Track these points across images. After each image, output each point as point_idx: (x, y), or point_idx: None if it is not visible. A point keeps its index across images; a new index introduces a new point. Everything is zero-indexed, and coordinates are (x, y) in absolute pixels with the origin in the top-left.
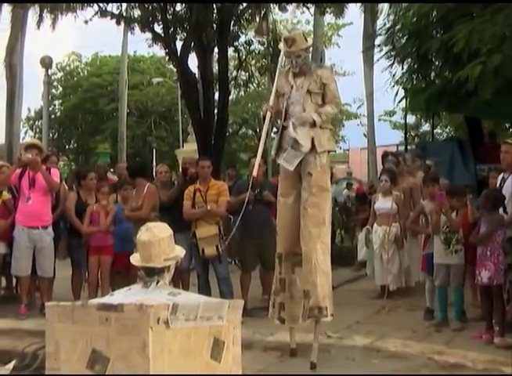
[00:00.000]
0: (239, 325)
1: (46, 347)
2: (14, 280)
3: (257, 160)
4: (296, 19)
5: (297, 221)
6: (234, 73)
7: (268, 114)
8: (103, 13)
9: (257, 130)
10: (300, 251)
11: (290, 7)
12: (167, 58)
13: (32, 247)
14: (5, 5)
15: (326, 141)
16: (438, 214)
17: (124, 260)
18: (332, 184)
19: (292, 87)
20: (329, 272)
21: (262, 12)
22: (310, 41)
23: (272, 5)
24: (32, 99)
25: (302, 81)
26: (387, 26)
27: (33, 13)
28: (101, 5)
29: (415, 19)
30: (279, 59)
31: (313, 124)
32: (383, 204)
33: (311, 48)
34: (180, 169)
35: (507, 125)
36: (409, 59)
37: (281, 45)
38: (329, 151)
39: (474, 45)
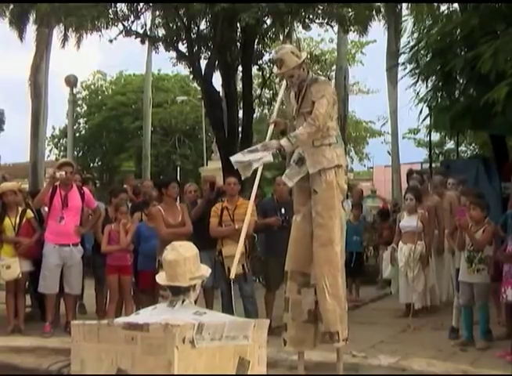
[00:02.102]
0: (264, 344)
1: (72, 365)
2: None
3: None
4: (320, 38)
5: (305, 239)
6: (258, 91)
7: (271, 128)
8: (128, 32)
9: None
10: (309, 272)
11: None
12: (191, 76)
13: (61, 265)
14: (31, 24)
15: (321, 158)
16: (460, 230)
17: (150, 278)
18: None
19: (294, 108)
20: (340, 295)
21: (286, 31)
22: (304, 55)
23: (295, 23)
24: (57, 117)
25: (301, 100)
26: (411, 44)
27: (58, 32)
28: (125, 24)
29: (439, 37)
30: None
31: (281, 149)
32: (408, 222)
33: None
34: (206, 185)
35: None
36: (434, 77)
37: (274, 69)
38: (336, 167)
39: (500, 66)
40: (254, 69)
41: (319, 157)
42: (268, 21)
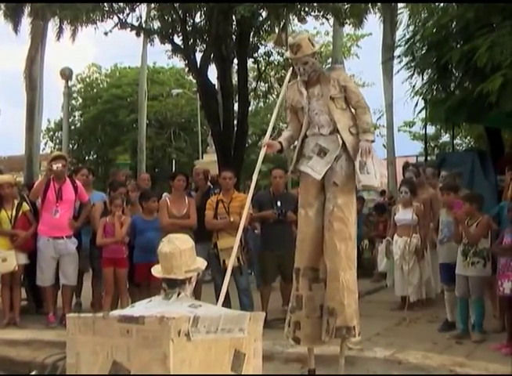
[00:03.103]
0: (260, 337)
1: (67, 359)
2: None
3: (248, 199)
4: (315, 31)
5: (319, 235)
6: (253, 84)
7: (263, 150)
8: (123, 25)
9: None
10: (318, 266)
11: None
12: (186, 69)
13: (57, 258)
14: (26, 16)
15: (358, 146)
16: (456, 223)
17: (146, 271)
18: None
19: (309, 97)
20: (356, 290)
21: (281, 24)
22: (318, 45)
23: (291, 16)
24: (52, 110)
25: (320, 88)
26: (407, 37)
27: (53, 25)
28: (121, 16)
29: (435, 30)
30: (283, 87)
31: (371, 142)
32: (403, 215)
33: (320, 53)
34: (198, 177)
35: None
36: (429, 70)
37: (287, 53)
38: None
39: (496, 59)
40: (250, 62)
41: (357, 146)
42: (264, 14)
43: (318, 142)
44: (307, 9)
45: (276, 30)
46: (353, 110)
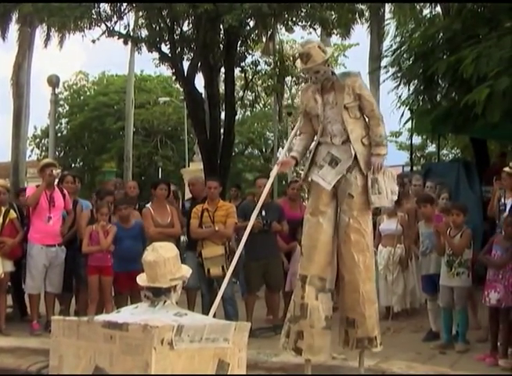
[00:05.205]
0: (244, 348)
1: (50, 361)
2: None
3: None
4: (303, 40)
5: (330, 244)
6: (240, 93)
7: (276, 169)
8: (111, 33)
9: (263, 150)
10: (326, 276)
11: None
12: (173, 78)
13: (48, 265)
14: (13, 23)
15: (370, 158)
16: (438, 235)
17: (125, 280)
18: None
19: (324, 105)
20: (375, 300)
21: (269, 33)
22: (329, 50)
23: (278, 25)
24: (39, 117)
25: (334, 96)
26: (394, 47)
27: (40, 32)
28: (108, 24)
29: (421, 41)
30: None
31: (384, 155)
32: (388, 225)
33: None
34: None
35: None
36: (416, 81)
37: (297, 63)
38: None
39: (482, 70)
40: (237, 71)
41: (368, 157)
42: (251, 23)
43: (330, 150)
44: (294, 19)
45: (264, 40)
46: (366, 119)
